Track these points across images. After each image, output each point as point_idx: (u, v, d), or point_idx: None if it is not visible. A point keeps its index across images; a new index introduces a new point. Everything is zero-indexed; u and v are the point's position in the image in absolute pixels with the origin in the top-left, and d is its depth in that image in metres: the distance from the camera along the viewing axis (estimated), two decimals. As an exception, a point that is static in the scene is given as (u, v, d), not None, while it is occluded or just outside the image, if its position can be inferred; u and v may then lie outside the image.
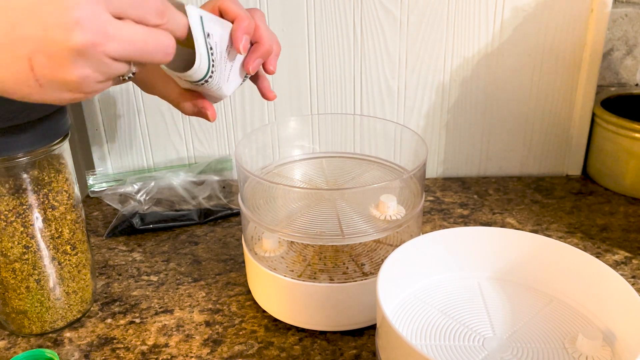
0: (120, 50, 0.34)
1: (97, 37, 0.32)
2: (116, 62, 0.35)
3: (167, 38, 0.37)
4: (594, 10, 0.77)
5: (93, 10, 0.32)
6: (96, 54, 0.33)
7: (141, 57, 0.36)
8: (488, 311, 0.47)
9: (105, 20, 0.33)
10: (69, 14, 0.32)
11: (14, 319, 0.55)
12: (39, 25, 0.32)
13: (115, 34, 0.33)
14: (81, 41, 0.32)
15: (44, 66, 0.33)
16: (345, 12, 0.77)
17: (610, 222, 0.74)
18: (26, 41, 0.32)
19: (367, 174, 0.63)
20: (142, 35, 0.35)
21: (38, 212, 0.51)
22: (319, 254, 0.57)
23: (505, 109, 0.84)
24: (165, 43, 0.37)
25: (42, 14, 0.32)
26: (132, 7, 0.35)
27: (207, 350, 0.53)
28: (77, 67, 0.33)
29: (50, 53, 0.32)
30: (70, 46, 0.32)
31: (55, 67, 0.33)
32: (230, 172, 0.84)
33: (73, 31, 0.32)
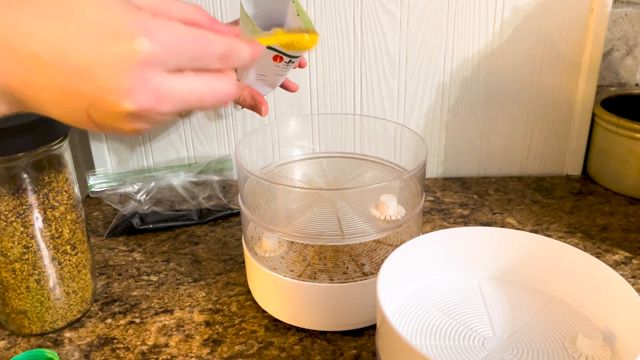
0: (173, 108, 0.34)
1: (149, 102, 0.33)
2: (171, 115, 0.35)
3: (224, 85, 0.36)
4: (594, 10, 0.77)
5: (145, 79, 0.32)
6: (149, 116, 0.34)
7: (197, 107, 0.36)
8: (488, 311, 0.47)
9: (157, 85, 0.33)
10: (122, 82, 0.32)
11: (14, 319, 0.55)
12: (94, 84, 0.32)
13: (168, 96, 0.33)
14: (132, 108, 0.32)
15: (100, 117, 0.33)
16: (345, 12, 0.77)
17: (610, 222, 0.74)
18: (83, 96, 0.33)
19: (367, 174, 0.63)
20: (197, 92, 0.35)
21: (38, 212, 0.51)
22: (319, 254, 0.57)
23: (505, 109, 0.84)
24: (223, 91, 0.36)
25: (98, 75, 0.32)
26: (192, 61, 0.34)
27: (207, 350, 0.53)
28: (131, 124, 0.34)
29: (105, 111, 0.33)
30: (122, 110, 0.32)
31: (111, 121, 0.34)
32: (230, 172, 0.84)
33: (125, 99, 0.32)
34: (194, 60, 0.34)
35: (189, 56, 0.34)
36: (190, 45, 0.34)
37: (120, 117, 0.33)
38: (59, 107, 0.34)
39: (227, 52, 0.36)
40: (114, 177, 0.81)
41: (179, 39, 0.34)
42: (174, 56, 0.33)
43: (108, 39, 0.32)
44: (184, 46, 0.34)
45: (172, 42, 0.33)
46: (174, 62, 0.33)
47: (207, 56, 0.35)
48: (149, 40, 0.32)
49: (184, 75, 0.34)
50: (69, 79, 0.32)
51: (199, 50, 0.35)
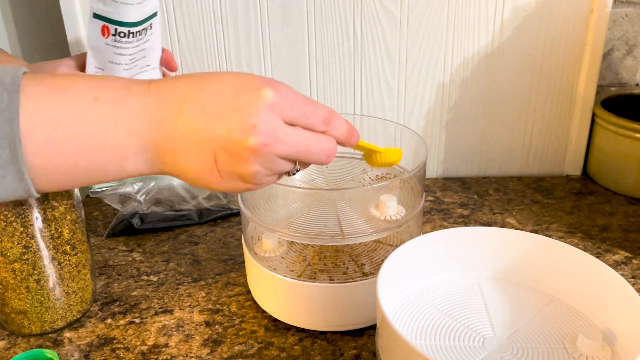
0: (287, 151, 0.40)
1: (269, 139, 0.38)
2: (283, 161, 0.41)
3: (329, 143, 0.42)
4: (594, 10, 0.77)
5: (268, 119, 0.38)
6: (267, 153, 0.39)
7: (304, 158, 0.42)
8: (488, 311, 0.47)
9: (276, 126, 0.39)
10: (249, 120, 0.38)
11: (13, 319, 0.55)
12: (225, 128, 0.39)
13: (283, 138, 0.39)
14: (255, 143, 0.38)
15: (225, 161, 0.39)
16: (345, 12, 0.77)
17: (611, 222, 0.74)
18: (214, 140, 0.39)
19: (367, 174, 0.63)
20: (306, 140, 0.41)
21: (38, 212, 0.51)
22: (319, 254, 0.57)
23: (505, 109, 0.84)
24: (327, 147, 0.42)
25: (229, 120, 0.38)
26: (303, 117, 0.41)
27: (207, 350, 0.53)
28: (251, 164, 0.39)
29: (231, 151, 0.39)
30: (247, 146, 0.38)
31: (234, 163, 0.39)
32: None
33: (251, 134, 0.38)
34: (304, 117, 0.41)
35: (301, 112, 0.40)
36: (302, 103, 0.41)
37: (243, 156, 0.39)
38: (191, 155, 0.39)
39: (329, 117, 0.42)
40: (113, 177, 0.81)
41: (295, 95, 0.41)
42: (290, 108, 0.40)
43: (241, 91, 0.39)
44: (298, 102, 0.40)
45: (290, 96, 0.40)
46: (290, 114, 0.40)
47: (314, 116, 0.41)
48: (273, 90, 0.39)
49: (296, 127, 0.41)
50: (205, 125, 0.39)
51: (309, 108, 0.41)
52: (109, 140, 0.39)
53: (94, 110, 0.38)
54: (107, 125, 0.38)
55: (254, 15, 0.78)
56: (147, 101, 0.39)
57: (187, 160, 0.40)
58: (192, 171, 0.40)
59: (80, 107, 0.38)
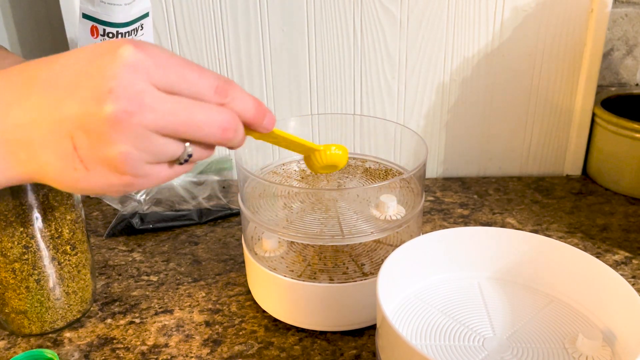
0: (160, 121, 0.31)
1: (131, 105, 0.30)
2: (161, 139, 0.32)
3: (223, 113, 0.34)
4: (594, 10, 0.77)
5: (129, 81, 0.30)
6: (132, 125, 0.31)
7: (189, 133, 0.33)
8: (488, 311, 0.47)
9: (142, 89, 0.31)
10: (104, 85, 0.30)
11: (13, 319, 0.55)
12: (77, 101, 0.31)
13: (153, 104, 0.31)
14: (112, 110, 0.30)
15: (85, 144, 0.31)
16: (345, 12, 0.77)
17: (610, 222, 0.74)
18: (67, 119, 0.31)
19: (367, 174, 0.63)
20: (187, 108, 0.32)
21: (38, 212, 0.51)
22: (319, 254, 0.57)
23: (505, 109, 0.84)
24: (219, 117, 0.33)
25: (82, 91, 0.31)
26: (182, 82, 0.32)
27: (207, 350, 0.53)
28: (115, 142, 0.31)
29: (87, 128, 0.31)
30: (103, 116, 0.30)
31: (95, 144, 0.31)
32: (230, 172, 0.84)
33: (105, 101, 0.30)
34: (184, 82, 0.32)
35: (178, 75, 0.32)
36: (181, 65, 0.32)
37: (103, 133, 0.31)
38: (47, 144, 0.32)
39: (224, 86, 0.34)
40: (113, 177, 0.81)
41: (171, 57, 0.32)
42: (162, 69, 0.32)
43: (95, 56, 0.32)
44: (175, 64, 0.32)
45: (162, 57, 0.32)
46: (162, 77, 0.32)
47: (199, 82, 0.33)
48: (135, 48, 0.31)
49: (176, 96, 0.32)
50: (56, 103, 0.31)
51: (191, 72, 0.33)
52: None
53: None
54: None
55: (254, 15, 0.78)
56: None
57: (44, 152, 0.32)
58: (52, 167, 0.32)
59: None
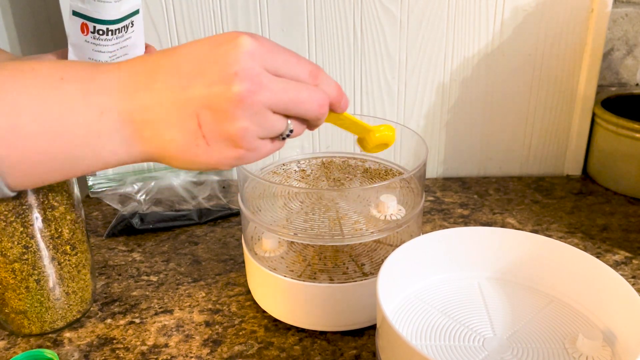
0: (274, 99, 0.37)
1: (253, 86, 0.35)
2: (273, 115, 0.37)
3: (319, 92, 0.39)
4: (594, 10, 0.77)
5: (249, 65, 0.36)
6: (253, 103, 0.36)
7: (295, 108, 0.38)
8: (488, 311, 0.47)
9: (259, 72, 0.36)
10: (229, 69, 0.35)
11: (13, 319, 0.55)
12: (204, 83, 0.36)
13: (268, 84, 0.36)
14: (239, 90, 0.35)
15: (210, 121, 0.36)
16: (345, 12, 0.77)
17: (611, 222, 0.74)
18: (194, 99, 0.36)
19: (366, 174, 0.63)
20: (294, 87, 0.38)
21: (38, 212, 0.51)
22: (319, 254, 0.57)
23: (505, 109, 0.84)
24: (317, 96, 0.39)
25: (208, 74, 0.36)
26: (286, 65, 0.38)
27: (207, 350, 0.53)
28: (238, 118, 0.36)
29: (214, 107, 0.36)
30: (230, 96, 0.35)
31: (219, 121, 0.36)
32: (230, 172, 0.84)
33: (232, 83, 0.35)
34: (288, 65, 0.38)
35: (283, 60, 0.38)
36: (285, 52, 0.38)
37: (228, 110, 0.35)
38: (171, 123, 0.36)
39: (316, 71, 0.39)
40: (113, 177, 0.81)
41: (276, 45, 0.38)
42: (272, 55, 0.37)
43: (217, 45, 0.36)
44: (280, 51, 0.38)
45: (270, 45, 0.37)
46: (272, 62, 0.37)
47: (299, 66, 0.39)
48: (251, 38, 0.36)
49: (281, 78, 0.38)
50: (182, 85, 0.36)
51: (292, 57, 0.38)
52: (78, 120, 0.35)
53: (59, 89, 0.35)
54: (75, 104, 0.35)
55: (253, 15, 0.78)
56: (117, 75, 0.37)
57: (168, 129, 0.36)
58: (176, 143, 0.37)
59: (45, 88, 0.35)
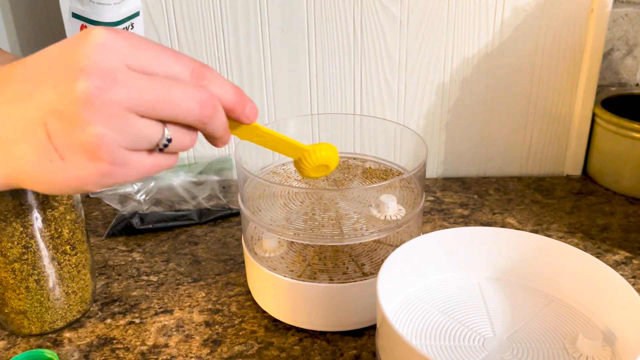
0: (135, 98, 0.30)
1: (103, 82, 0.29)
2: (139, 120, 0.31)
3: (200, 90, 0.33)
4: (594, 10, 0.77)
5: (101, 59, 0.30)
6: (105, 103, 0.29)
7: (166, 108, 0.31)
8: (488, 311, 0.47)
9: (115, 68, 0.30)
10: (76, 65, 0.30)
11: (13, 319, 0.55)
12: (49, 86, 0.30)
13: (125, 80, 0.30)
14: (84, 87, 0.29)
15: (58, 130, 0.30)
16: (345, 12, 0.77)
17: (611, 222, 0.74)
18: (39, 106, 0.31)
19: (366, 174, 0.63)
20: (163, 85, 0.31)
21: (37, 212, 0.51)
22: (319, 254, 0.57)
23: (505, 109, 0.84)
24: (197, 94, 0.32)
25: (53, 76, 0.31)
26: (157, 63, 0.32)
27: (207, 350, 0.53)
28: (88, 124, 0.30)
29: (60, 111, 0.30)
30: (76, 96, 0.29)
31: (68, 127, 0.30)
32: (230, 172, 0.84)
33: (77, 80, 0.29)
34: (159, 63, 0.32)
35: (153, 56, 0.31)
36: (157, 48, 0.32)
37: (76, 114, 0.30)
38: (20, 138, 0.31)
39: (202, 70, 0.33)
40: (113, 177, 0.81)
41: (146, 40, 0.32)
42: (136, 50, 0.31)
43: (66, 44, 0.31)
44: (149, 47, 0.32)
45: (136, 39, 0.31)
46: (136, 58, 0.31)
47: (176, 64, 0.32)
48: (108, 31, 0.30)
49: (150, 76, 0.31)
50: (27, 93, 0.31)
51: (167, 54, 0.32)
52: None
53: None
54: None
55: (253, 15, 0.78)
56: None
57: (17, 145, 0.31)
58: (27, 160, 0.31)
59: None
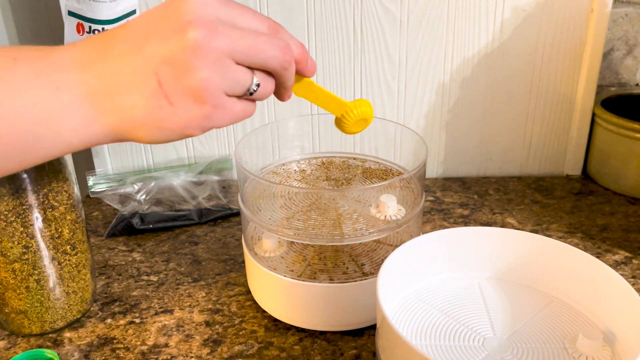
0: (233, 44, 0.35)
1: (209, 31, 0.34)
2: (235, 66, 0.36)
3: (280, 39, 0.38)
4: (594, 10, 0.77)
5: (203, 13, 0.35)
6: (211, 50, 0.34)
7: (256, 55, 0.37)
8: (488, 311, 0.47)
9: (214, 20, 0.35)
10: (183, 19, 0.35)
11: (13, 319, 0.55)
12: (159, 39, 0.35)
13: (225, 30, 0.35)
14: (194, 37, 0.34)
15: (169, 77, 0.35)
16: (345, 12, 0.77)
17: (611, 222, 0.74)
18: (150, 58, 0.35)
19: (366, 174, 0.63)
20: (252, 34, 0.37)
21: (38, 212, 0.51)
22: (319, 254, 0.57)
23: (505, 109, 0.84)
24: (279, 42, 0.38)
25: (161, 30, 0.35)
26: (242, 17, 0.37)
27: (207, 350, 0.53)
28: (197, 69, 0.34)
29: (171, 60, 0.35)
30: (186, 44, 0.34)
31: (179, 74, 0.35)
32: (230, 172, 0.84)
33: (187, 30, 0.34)
34: (244, 17, 0.37)
35: (239, 12, 0.37)
36: (241, 7, 0.37)
37: (186, 61, 0.34)
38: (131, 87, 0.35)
39: (276, 26, 0.39)
40: (114, 177, 0.81)
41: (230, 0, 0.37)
42: (227, 8, 0.36)
43: (168, 4, 0.36)
44: (235, 6, 0.37)
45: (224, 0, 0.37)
46: (226, 13, 0.36)
47: (256, 19, 0.38)
48: None
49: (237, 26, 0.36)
50: (138, 47, 0.35)
51: (248, 11, 0.38)
52: (33, 98, 0.35)
53: (12, 69, 0.35)
54: (29, 82, 0.35)
55: (254, 15, 0.77)
56: (72, 52, 0.36)
57: (128, 95, 0.35)
58: (138, 108, 0.36)
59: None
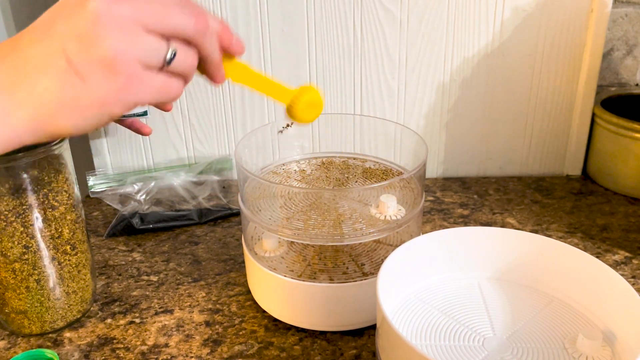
0: (139, 11, 0.34)
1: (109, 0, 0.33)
2: (146, 34, 0.35)
3: (193, 8, 0.37)
4: (594, 10, 0.77)
5: None
6: (114, 16, 0.33)
7: (167, 21, 0.35)
8: (488, 311, 0.47)
9: None
10: None
11: (13, 319, 0.55)
12: (63, 17, 0.34)
13: None
14: (94, 6, 0.33)
15: (76, 52, 0.34)
16: (345, 12, 0.77)
17: (610, 222, 0.74)
18: (57, 36, 0.34)
19: (366, 174, 0.63)
20: (161, 2, 0.35)
21: (38, 212, 0.51)
22: (319, 254, 0.57)
23: (505, 109, 0.84)
24: (193, 11, 0.36)
25: (65, 10, 0.34)
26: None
27: (207, 350, 0.53)
28: (103, 37, 0.33)
29: (75, 33, 0.34)
30: (87, 15, 0.33)
31: (85, 46, 0.34)
32: (230, 172, 0.84)
33: (86, 3, 0.33)
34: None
35: None
36: None
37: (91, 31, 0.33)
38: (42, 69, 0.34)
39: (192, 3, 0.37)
40: (114, 177, 0.81)
41: None
42: None
43: None
44: None
45: None
46: None
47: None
48: None
49: None
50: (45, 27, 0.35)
51: None
52: None
53: None
54: None
55: (254, 15, 0.78)
56: None
57: (39, 79, 0.34)
58: (51, 91, 0.34)
59: None
